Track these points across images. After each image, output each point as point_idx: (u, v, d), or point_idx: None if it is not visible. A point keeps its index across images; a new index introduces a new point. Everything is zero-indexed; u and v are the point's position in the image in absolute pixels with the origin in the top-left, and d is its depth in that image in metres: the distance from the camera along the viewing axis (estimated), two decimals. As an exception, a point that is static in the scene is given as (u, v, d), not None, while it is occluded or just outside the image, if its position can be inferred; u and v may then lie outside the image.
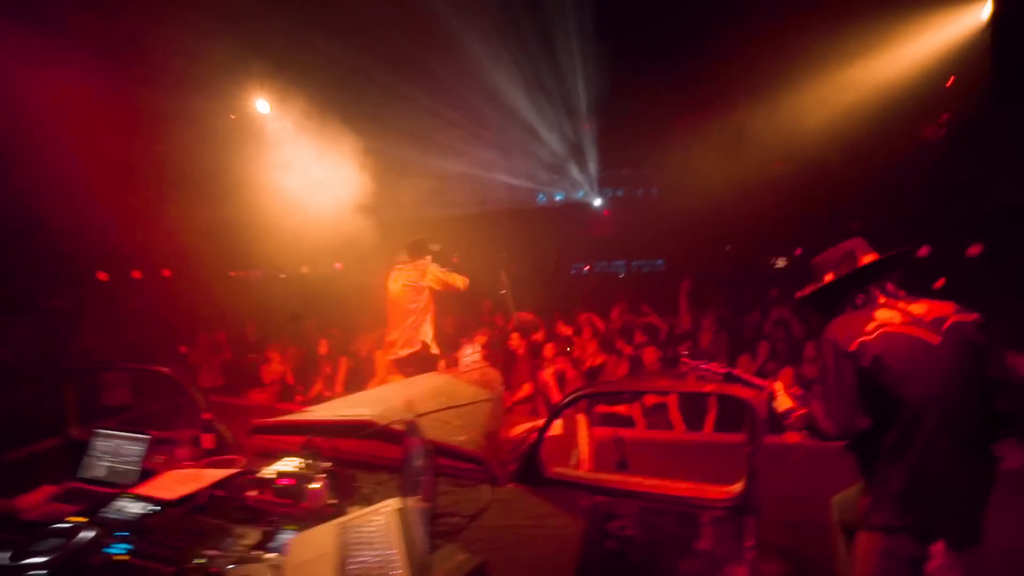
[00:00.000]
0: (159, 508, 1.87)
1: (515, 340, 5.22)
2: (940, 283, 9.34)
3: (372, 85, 8.61)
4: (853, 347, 1.78)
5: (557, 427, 2.96)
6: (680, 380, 2.41)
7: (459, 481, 2.04)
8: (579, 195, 12.49)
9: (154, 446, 2.30)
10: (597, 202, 12.94)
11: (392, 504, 1.49)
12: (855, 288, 1.96)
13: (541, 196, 12.72)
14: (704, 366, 2.37)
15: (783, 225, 11.18)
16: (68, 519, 1.78)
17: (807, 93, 9.48)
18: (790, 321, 5.98)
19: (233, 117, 8.91)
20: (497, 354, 5.15)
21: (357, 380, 5.52)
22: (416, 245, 4.82)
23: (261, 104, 8.39)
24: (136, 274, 10.39)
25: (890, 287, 1.94)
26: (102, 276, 9.99)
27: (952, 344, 1.76)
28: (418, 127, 8.85)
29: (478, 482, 2.10)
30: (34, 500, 2.09)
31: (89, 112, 6.87)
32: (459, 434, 2.30)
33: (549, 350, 5.34)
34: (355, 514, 1.53)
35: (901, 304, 1.87)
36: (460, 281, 4.76)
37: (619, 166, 12.77)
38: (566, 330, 6.15)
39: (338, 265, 11.03)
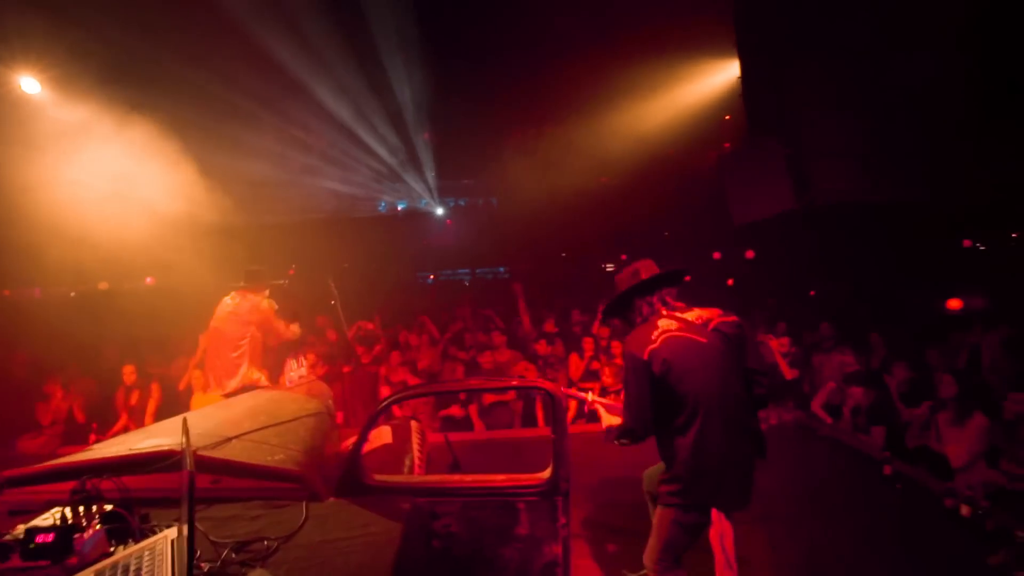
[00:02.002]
0: None
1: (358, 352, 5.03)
2: (730, 282, 11.26)
3: (187, 82, 7.65)
4: (645, 355, 2.08)
5: (387, 435, 2.94)
6: (485, 379, 2.58)
7: (273, 503, 1.93)
8: (422, 204, 12.52)
9: None
10: (440, 211, 13.10)
11: (168, 535, 1.36)
12: (640, 300, 2.29)
13: (382, 204, 12.49)
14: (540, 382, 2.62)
15: (610, 233, 12.46)
16: None
17: (623, 117, 10.78)
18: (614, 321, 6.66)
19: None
20: (331, 368, 4.92)
21: (174, 411, 4.84)
22: (253, 275, 4.28)
23: (28, 83, 6.88)
24: None
25: (668, 299, 2.29)
26: None
27: (715, 342, 2.15)
28: (245, 133, 8.08)
29: (298, 500, 2.01)
30: None
31: None
32: (276, 453, 2.17)
33: (394, 358, 5.28)
34: (120, 554, 1.36)
35: (677, 313, 2.23)
36: (288, 331, 4.34)
37: (459, 176, 13.11)
38: (409, 338, 6.13)
39: (150, 280, 9.55)
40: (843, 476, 3.95)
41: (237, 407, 2.80)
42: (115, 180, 6.87)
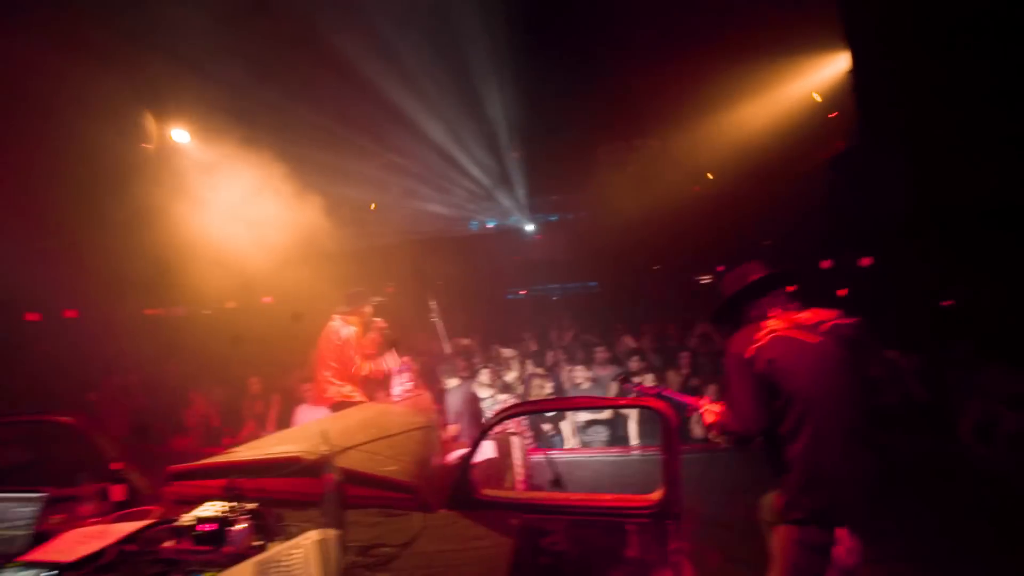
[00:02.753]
0: (55, 573, 1.72)
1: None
2: (841, 293, 10.30)
3: (300, 120, 8.48)
4: (749, 354, 1.98)
5: (491, 450, 3.00)
6: (598, 397, 2.53)
7: (390, 511, 2.03)
8: (512, 221, 12.73)
9: (51, 505, 2.12)
10: (530, 227, 13.24)
11: (312, 536, 1.47)
12: (749, 303, 2.19)
13: (473, 223, 12.86)
14: (638, 387, 2.57)
15: (705, 244, 11.92)
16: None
17: (719, 121, 10.32)
18: (712, 335, 6.35)
19: (146, 146, 8.49)
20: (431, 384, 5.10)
21: (287, 419, 5.29)
22: (354, 297, 4.59)
23: (179, 134, 8.06)
24: (35, 316, 9.48)
25: (779, 300, 2.17)
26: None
27: (829, 343, 2.00)
28: (349, 161, 8.77)
29: (410, 510, 2.09)
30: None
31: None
32: (389, 464, 2.29)
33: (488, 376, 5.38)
34: (273, 550, 1.49)
35: (788, 315, 2.10)
36: (361, 367, 4.33)
37: (550, 192, 13.18)
38: (505, 352, 6.23)
39: (267, 299, 10.58)
40: (991, 508, 3.41)
41: (349, 419, 2.99)
42: (241, 211, 7.73)
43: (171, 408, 5.78)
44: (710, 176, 11.49)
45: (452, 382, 4.50)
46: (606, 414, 4.90)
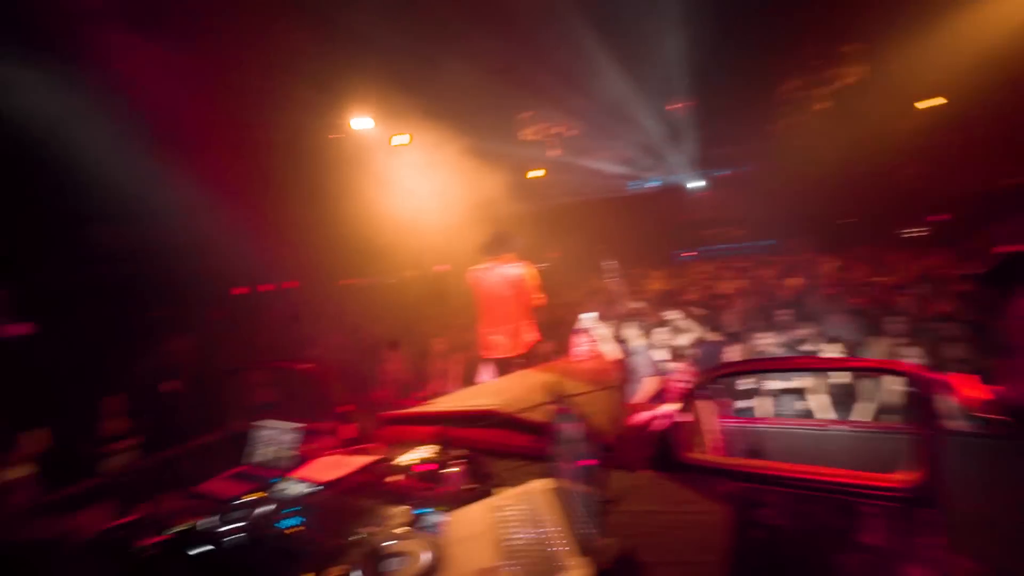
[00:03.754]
0: (318, 489, 2.04)
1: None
2: None
3: (463, 84, 8.79)
4: None
5: (682, 412, 2.83)
6: (836, 358, 2.18)
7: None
8: (677, 178, 11.90)
9: (303, 436, 2.53)
10: (698, 184, 12.26)
11: (543, 484, 1.50)
12: None
13: (637, 183, 12.28)
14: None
15: (918, 190, 9.89)
16: (247, 496, 2.02)
17: (939, 32, 8.21)
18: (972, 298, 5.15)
19: (333, 137, 9.60)
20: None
21: (469, 376, 5.70)
22: (498, 239, 4.49)
23: (363, 121, 8.95)
24: (267, 287, 11.60)
25: None
26: (241, 291, 11.27)
27: None
28: (508, 123, 8.93)
29: (609, 468, 2.06)
30: (216, 483, 2.40)
31: (225, 149, 7.78)
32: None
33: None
34: (505, 494, 1.55)
35: None
36: (538, 298, 4.40)
37: (720, 144, 11.97)
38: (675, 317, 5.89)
39: (442, 267, 11.53)
40: None
41: (536, 377, 3.06)
42: (419, 188, 8.42)
43: (369, 364, 6.61)
44: (939, 101, 9.30)
45: (635, 343, 4.39)
46: (796, 382, 4.37)
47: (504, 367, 4.52)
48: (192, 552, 1.72)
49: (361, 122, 8.90)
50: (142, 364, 6.33)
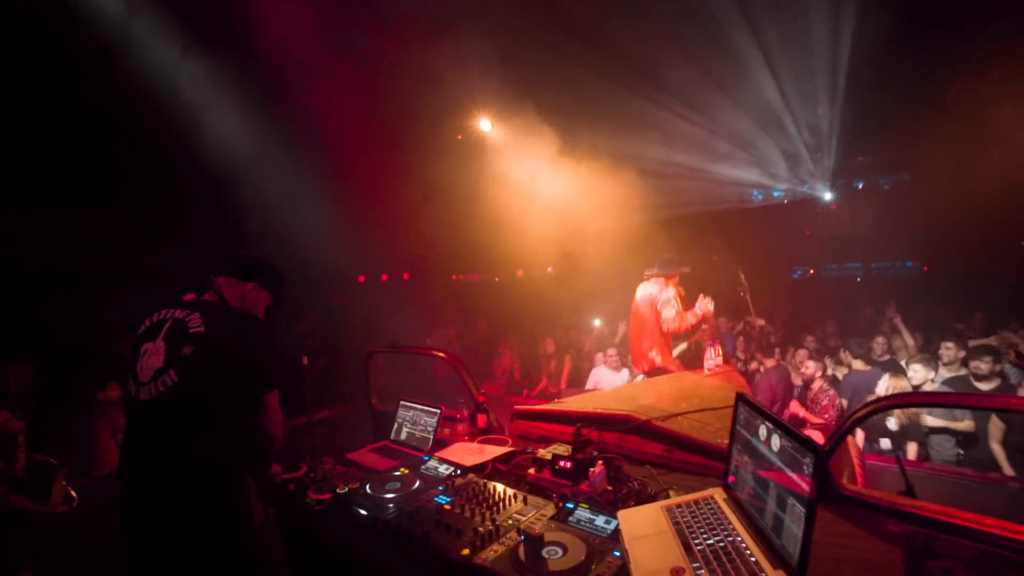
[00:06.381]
0: (461, 469, 2.18)
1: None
2: None
3: (586, 87, 8.76)
4: None
5: (818, 438, 2.65)
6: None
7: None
8: (805, 189, 11.01)
9: (442, 420, 2.70)
10: (827, 196, 11.26)
11: (720, 492, 1.49)
12: None
13: (757, 194, 11.55)
14: None
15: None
16: (401, 470, 2.20)
17: None
18: None
19: (460, 138, 10.03)
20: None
21: (576, 378, 5.73)
22: (667, 263, 4.67)
23: (484, 123, 9.27)
24: (384, 277, 12.46)
25: None
26: (360, 279, 12.21)
27: None
28: (629, 127, 8.78)
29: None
30: (363, 454, 2.63)
31: (360, 149, 8.46)
32: (720, 436, 2.21)
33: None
34: (678, 498, 1.57)
35: None
36: (690, 319, 4.39)
37: (857, 153, 10.88)
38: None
39: (550, 269, 11.65)
40: None
41: (667, 386, 3.02)
42: (533, 186, 8.55)
43: (481, 358, 6.86)
44: None
45: (768, 362, 4.20)
46: (961, 424, 3.87)
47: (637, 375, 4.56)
48: (360, 511, 1.91)
49: (483, 124, 9.22)
50: (283, 339, 7.09)
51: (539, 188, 8.25)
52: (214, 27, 7.50)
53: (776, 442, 1.35)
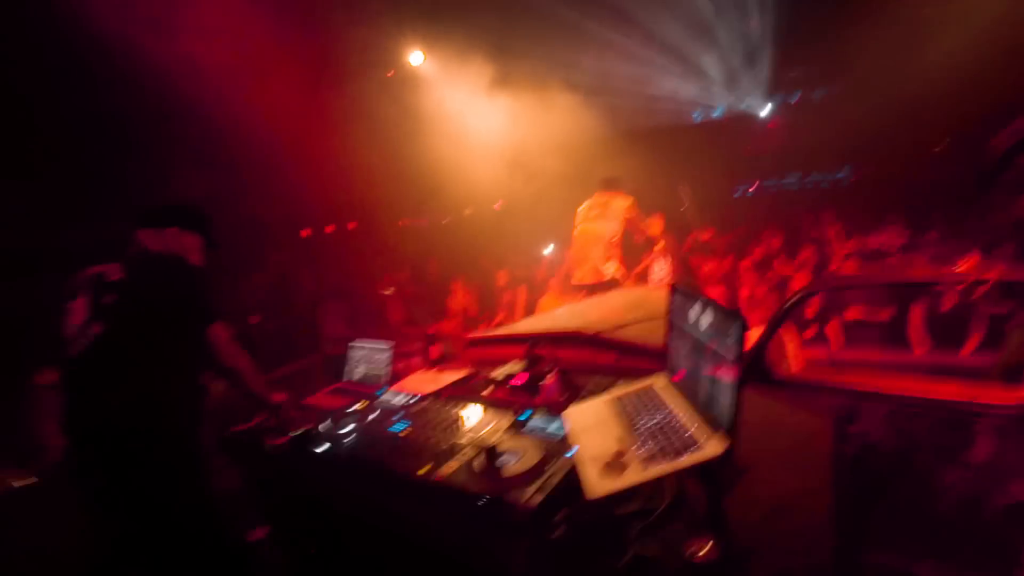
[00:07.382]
0: (419, 398, 2.20)
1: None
2: None
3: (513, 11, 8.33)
4: None
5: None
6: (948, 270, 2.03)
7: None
8: (743, 107, 11.09)
9: (394, 354, 2.69)
10: (763, 112, 11.40)
11: (660, 379, 1.55)
12: None
13: (697, 114, 11.55)
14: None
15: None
16: (354, 406, 2.20)
17: None
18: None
19: (390, 75, 9.46)
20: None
21: (532, 307, 5.81)
22: (611, 182, 4.78)
23: (415, 56, 8.75)
24: (329, 229, 11.99)
25: None
26: (304, 233, 11.71)
27: None
28: (559, 48, 8.48)
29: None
30: (319, 397, 2.61)
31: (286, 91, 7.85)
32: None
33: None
34: (621, 389, 1.62)
35: None
36: (653, 227, 4.59)
37: (789, 66, 10.94)
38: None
39: (497, 205, 11.51)
40: None
41: (614, 301, 3.09)
42: (473, 124, 8.27)
43: (435, 298, 6.82)
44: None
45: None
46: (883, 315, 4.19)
47: (588, 293, 4.65)
48: (316, 450, 1.91)
49: (415, 57, 8.70)
50: (228, 299, 6.80)
51: (477, 121, 8.00)
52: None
53: (705, 320, 1.39)
